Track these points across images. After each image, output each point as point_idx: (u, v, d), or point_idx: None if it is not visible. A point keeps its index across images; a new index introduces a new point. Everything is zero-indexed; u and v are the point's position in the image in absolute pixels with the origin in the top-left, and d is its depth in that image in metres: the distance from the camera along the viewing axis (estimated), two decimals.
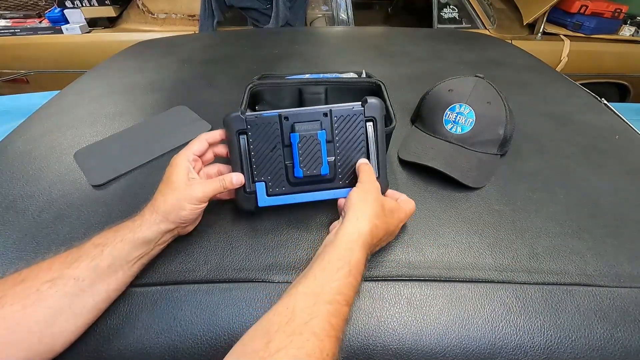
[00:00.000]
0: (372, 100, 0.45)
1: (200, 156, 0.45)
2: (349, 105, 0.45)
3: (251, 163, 0.45)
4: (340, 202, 0.45)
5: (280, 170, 0.45)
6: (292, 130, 0.44)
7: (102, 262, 0.36)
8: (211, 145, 0.46)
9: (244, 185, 0.45)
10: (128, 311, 0.39)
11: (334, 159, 0.45)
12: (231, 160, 0.45)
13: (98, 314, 0.37)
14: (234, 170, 0.45)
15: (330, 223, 0.48)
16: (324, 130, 0.44)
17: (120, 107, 0.76)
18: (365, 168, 0.44)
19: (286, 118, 0.43)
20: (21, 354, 0.31)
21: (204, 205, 0.42)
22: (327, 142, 0.45)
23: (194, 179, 0.42)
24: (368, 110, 0.45)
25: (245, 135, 0.44)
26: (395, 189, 0.53)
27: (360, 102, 0.45)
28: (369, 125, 0.45)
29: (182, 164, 0.42)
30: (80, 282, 0.34)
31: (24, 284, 0.33)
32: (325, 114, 0.44)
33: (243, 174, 0.44)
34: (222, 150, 0.47)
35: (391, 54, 1.05)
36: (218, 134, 0.46)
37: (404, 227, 0.48)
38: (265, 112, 0.44)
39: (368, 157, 0.46)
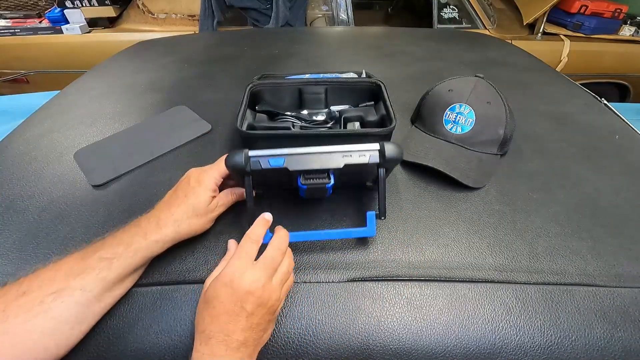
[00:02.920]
0: (391, 154, 0.41)
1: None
2: (365, 153, 0.40)
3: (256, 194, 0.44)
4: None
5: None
6: (301, 177, 0.41)
7: (111, 274, 0.35)
8: None
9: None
10: (128, 311, 0.39)
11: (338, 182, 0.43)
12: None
13: (102, 316, 0.37)
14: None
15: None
16: (332, 182, 0.41)
17: (120, 107, 0.76)
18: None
19: (297, 172, 0.40)
20: None
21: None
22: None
23: (214, 197, 0.43)
24: (385, 163, 0.41)
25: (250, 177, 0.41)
26: (395, 189, 0.53)
27: (378, 149, 0.41)
28: (381, 169, 0.43)
29: (209, 185, 0.42)
30: (87, 293, 0.34)
31: (27, 296, 0.32)
32: (338, 169, 0.40)
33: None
34: None
35: (391, 54, 1.05)
36: None
37: (404, 227, 0.48)
38: (270, 155, 0.40)
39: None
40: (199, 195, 0.41)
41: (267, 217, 0.40)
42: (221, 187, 0.45)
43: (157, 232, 0.38)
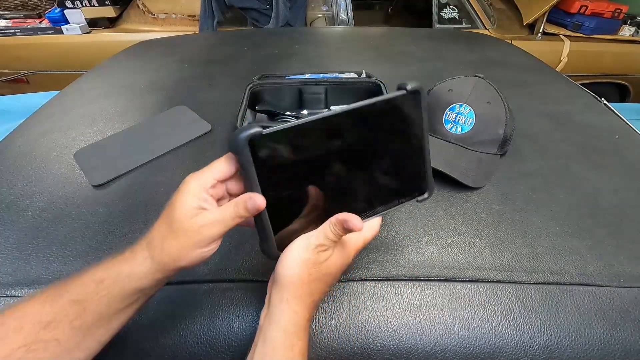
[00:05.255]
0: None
1: (226, 180, 0.31)
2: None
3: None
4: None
5: None
6: None
7: (86, 320, 0.29)
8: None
9: None
10: None
11: None
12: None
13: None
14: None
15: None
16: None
17: (120, 107, 0.76)
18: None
19: None
20: None
21: (215, 245, 0.30)
22: None
23: (203, 212, 0.29)
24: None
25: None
26: None
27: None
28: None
29: (192, 192, 0.30)
30: (64, 344, 0.28)
31: None
32: None
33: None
34: None
35: (391, 54, 1.05)
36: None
37: (404, 227, 0.48)
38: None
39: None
40: (174, 205, 0.29)
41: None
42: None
43: (128, 262, 0.30)
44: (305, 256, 0.31)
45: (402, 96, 0.34)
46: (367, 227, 0.34)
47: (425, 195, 0.37)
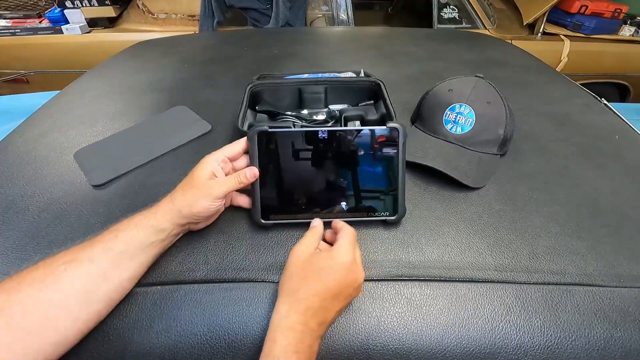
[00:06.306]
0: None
1: (233, 160, 0.45)
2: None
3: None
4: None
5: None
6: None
7: (116, 246, 0.36)
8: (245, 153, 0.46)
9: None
10: (128, 311, 0.39)
11: None
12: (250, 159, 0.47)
13: (110, 305, 0.37)
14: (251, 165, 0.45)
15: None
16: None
17: (120, 107, 0.76)
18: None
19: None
20: (35, 343, 0.31)
21: (219, 202, 0.42)
22: None
23: (215, 178, 0.42)
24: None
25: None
26: None
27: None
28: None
29: (209, 162, 0.42)
30: (94, 265, 0.35)
31: (40, 269, 0.34)
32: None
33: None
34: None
35: (391, 54, 1.05)
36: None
37: (404, 227, 0.48)
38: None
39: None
40: (195, 170, 0.42)
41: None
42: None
43: (156, 206, 0.40)
44: (308, 250, 0.39)
45: (383, 130, 0.45)
46: (343, 225, 0.43)
47: (393, 217, 0.46)
